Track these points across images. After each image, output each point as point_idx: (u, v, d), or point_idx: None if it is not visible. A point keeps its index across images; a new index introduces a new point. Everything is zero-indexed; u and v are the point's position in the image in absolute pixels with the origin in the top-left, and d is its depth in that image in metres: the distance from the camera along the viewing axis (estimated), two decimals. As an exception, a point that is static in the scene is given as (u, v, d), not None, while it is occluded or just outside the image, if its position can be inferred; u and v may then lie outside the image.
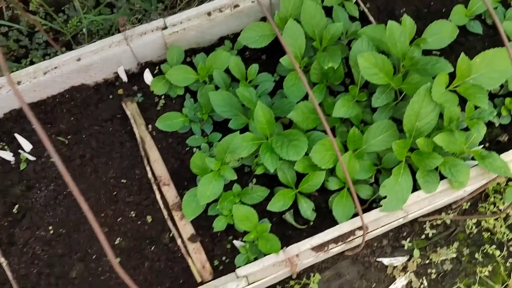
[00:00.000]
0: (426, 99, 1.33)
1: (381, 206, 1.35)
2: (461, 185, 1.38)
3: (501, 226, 1.79)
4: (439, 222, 1.78)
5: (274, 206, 1.42)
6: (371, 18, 1.71)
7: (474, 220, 1.80)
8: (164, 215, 1.49)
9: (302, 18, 1.53)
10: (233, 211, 1.37)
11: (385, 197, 1.35)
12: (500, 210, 1.79)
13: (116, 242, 1.47)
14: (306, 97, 1.51)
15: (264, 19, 1.69)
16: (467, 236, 1.78)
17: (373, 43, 1.48)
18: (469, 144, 1.41)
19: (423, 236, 1.76)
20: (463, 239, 1.77)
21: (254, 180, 1.50)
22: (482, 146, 1.54)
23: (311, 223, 1.48)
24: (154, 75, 1.67)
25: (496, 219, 1.80)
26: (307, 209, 1.46)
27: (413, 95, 1.36)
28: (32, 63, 1.95)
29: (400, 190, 1.35)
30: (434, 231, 1.76)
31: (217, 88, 1.59)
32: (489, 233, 1.79)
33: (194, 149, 1.58)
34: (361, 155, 1.43)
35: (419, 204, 1.40)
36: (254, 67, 1.59)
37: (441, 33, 1.54)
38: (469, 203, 1.81)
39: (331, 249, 1.36)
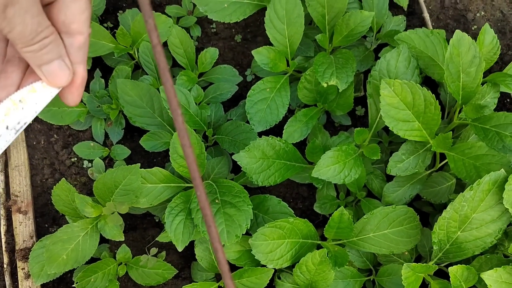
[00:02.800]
0: (490, 197, 0.69)
1: None
2: None
3: None
4: None
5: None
6: (425, 15, 1.03)
7: None
8: (3, 263, 0.90)
9: (308, -12, 0.88)
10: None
11: None
12: None
13: None
14: (279, 129, 0.88)
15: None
16: None
17: (418, 62, 0.82)
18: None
19: None
20: None
21: (156, 249, 0.88)
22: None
23: None
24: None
25: None
26: (232, 316, 0.85)
27: (465, 180, 0.72)
28: None
29: None
30: None
31: (144, 73, 0.96)
32: None
33: (86, 162, 0.97)
34: (344, 256, 0.80)
35: None
36: (211, 52, 0.95)
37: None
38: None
39: None
